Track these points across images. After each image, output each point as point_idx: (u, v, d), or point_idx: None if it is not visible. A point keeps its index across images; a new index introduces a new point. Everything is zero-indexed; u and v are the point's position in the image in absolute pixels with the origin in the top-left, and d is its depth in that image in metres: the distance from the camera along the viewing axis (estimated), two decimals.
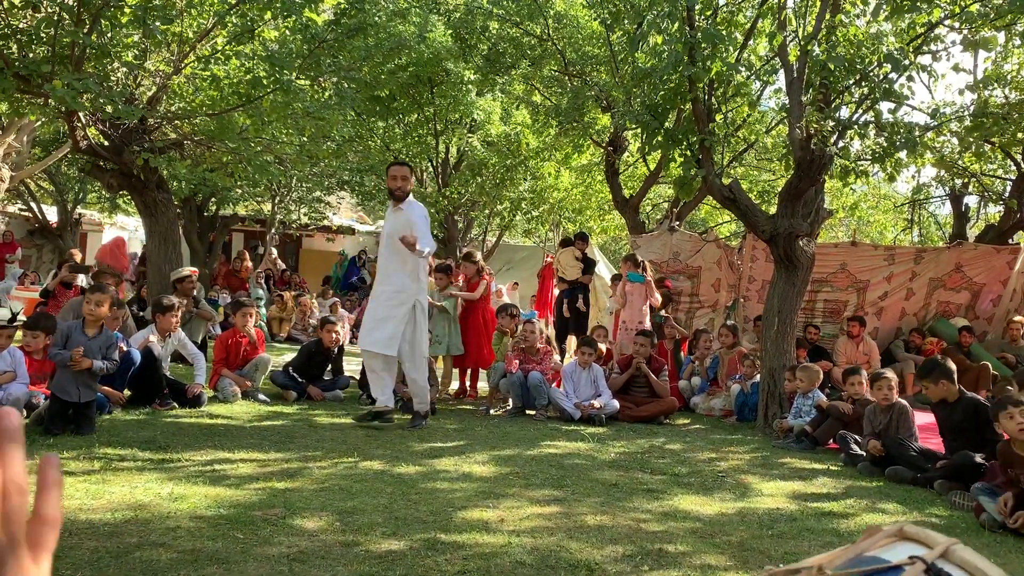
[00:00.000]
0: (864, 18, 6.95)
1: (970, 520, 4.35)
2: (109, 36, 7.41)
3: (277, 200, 18.00)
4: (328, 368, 7.93)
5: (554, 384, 7.61)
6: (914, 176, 13.77)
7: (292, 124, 9.17)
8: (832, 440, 6.24)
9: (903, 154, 6.84)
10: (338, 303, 13.98)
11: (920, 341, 10.22)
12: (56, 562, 2.89)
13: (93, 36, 7.00)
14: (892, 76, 6.61)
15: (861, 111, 7.01)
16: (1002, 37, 8.39)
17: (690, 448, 6.16)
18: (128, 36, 7.73)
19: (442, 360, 8.36)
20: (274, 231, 18.26)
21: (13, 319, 8.19)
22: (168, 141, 8.99)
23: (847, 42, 6.54)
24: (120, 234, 16.75)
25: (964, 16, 6.79)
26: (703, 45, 6.48)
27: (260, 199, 18.37)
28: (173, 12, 7.52)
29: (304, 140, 9.78)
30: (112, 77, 7.86)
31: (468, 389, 8.43)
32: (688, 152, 7.17)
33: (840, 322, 10.16)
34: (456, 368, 8.46)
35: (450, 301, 8.12)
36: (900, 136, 6.65)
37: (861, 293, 10.37)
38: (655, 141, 7.35)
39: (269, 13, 7.89)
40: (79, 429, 5.25)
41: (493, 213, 17.45)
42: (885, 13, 6.80)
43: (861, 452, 5.65)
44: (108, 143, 8.21)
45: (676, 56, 6.52)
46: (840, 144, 6.89)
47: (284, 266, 18.89)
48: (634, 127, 10.00)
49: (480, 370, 8.50)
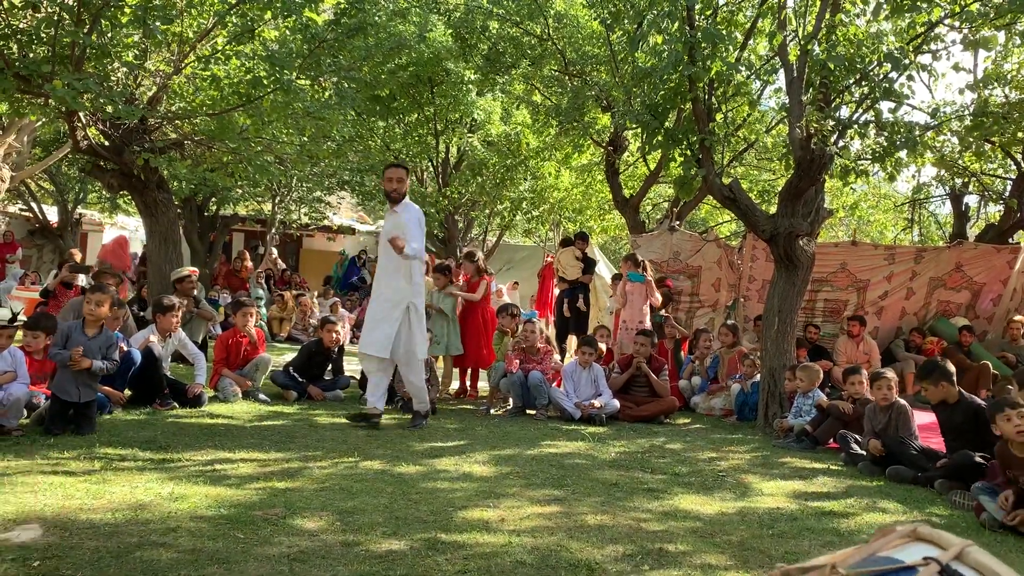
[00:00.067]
0: (864, 17, 6.95)
1: (970, 519, 4.35)
2: (109, 36, 7.41)
3: (277, 200, 18.01)
4: (328, 368, 7.94)
5: (554, 384, 7.61)
6: (914, 175, 13.79)
7: (292, 124, 9.18)
8: (832, 440, 6.24)
9: (903, 153, 6.84)
10: (338, 303, 13.99)
11: (920, 340, 10.22)
12: (57, 562, 2.90)
13: (93, 36, 7.00)
14: (892, 75, 6.61)
15: (861, 110, 7.01)
16: (1002, 36, 8.38)
17: (690, 448, 6.16)
18: (128, 36, 7.73)
19: (442, 360, 8.36)
20: (274, 231, 18.26)
21: (14, 319, 8.19)
22: (168, 141, 9.00)
23: (847, 41, 6.54)
24: (121, 233, 16.77)
25: (964, 15, 6.79)
26: (703, 45, 6.48)
27: (260, 199, 18.38)
28: (173, 12, 7.52)
29: (304, 140, 9.78)
30: (112, 77, 7.86)
31: (468, 389, 8.44)
32: (688, 152, 7.17)
33: (840, 321, 10.16)
34: (456, 368, 8.47)
35: (449, 301, 8.12)
36: (900, 135, 6.65)
37: (861, 292, 10.37)
38: (655, 141, 7.35)
39: (269, 13, 7.90)
40: (79, 429, 5.26)
41: (493, 213, 17.46)
42: (885, 12, 6.79)
43: (861, 451, 5.65)
44: (108, 143, 8.21)
45: (676, 56, 6.52)
46: (840, 143, 6.89)
47: (284, 266, 18.90)
48: (634, 127, 10.00)
49: (480, 370, 8.51)
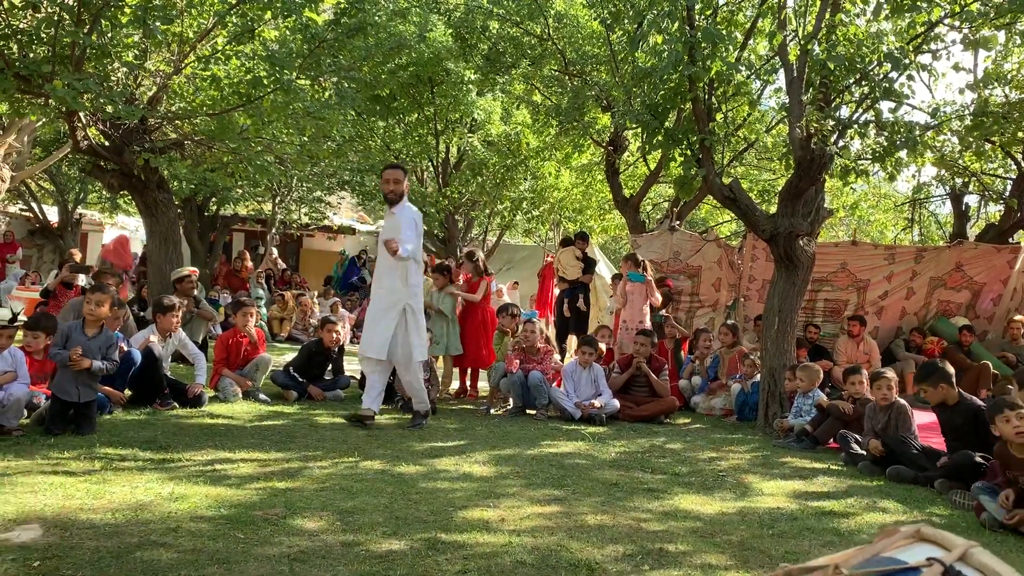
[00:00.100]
0: (864, 17, 6.95)
1: (971, 519, 4.35)
2: (109, 36, 7.41)
3: (278, 200, 18.02)
4: (329, 368, 7.94)
5: (554, 384, 7.61)
6: (914, 175, 13.78)
7: (292, 124, 9.18)
8: (832, 439, 6.24)
9: (903, 153, 6.84)
10: (339, 303, 13.99)
11: (921, 340, 10.21)
12: (57, 562, 2.90)
13: (93, 36, 7.00)
14: (892, 75, 6.61)
15: (861, 110, 7.01)
16: (1002, 36, 8.37)
17: (690, 447, 6.16)
18: (128, 36, 7.74)
19: (442, 360, 8.36)
20: (275, 231, 18.27)
21: (14, 319, 8.19)
22: (168, 141, 9.00)
23: (847, 41, 6.54)
24: (122, 233, 16.78)
25: (964, 15, 6.78)
26: (703, 44, 6.48)
27: (261, 199, 18.39)
28: (173, 12, 7.52)
29: (304, 140, 9.78)
30: (112, 77, 7.86)
31: (468, 389, 8.44)
32: (688, 151, 7.16)
33: (840, 321, 10.16)
34: (456, 368, 8.47)
35: (449, 301, 8.12)
36: (900, 135, 6.65)
37: (861, 292, 10.37)
38: (655, 140, 7.35)
39: (269, 13, 7.90)
40: (80, 429, 5.26)
41: (493, 213, 17.46)
42: (885, 12, 6.79)
43: (862, 451, 5.65)
44: (109, 143, 8.21)
45: (676, 55, 6.52)
46: (840, 143, 6.89)
47: (285, 266, 18.90)
48: (634, 126, 10.00)
49: (480, 370, 8.51)
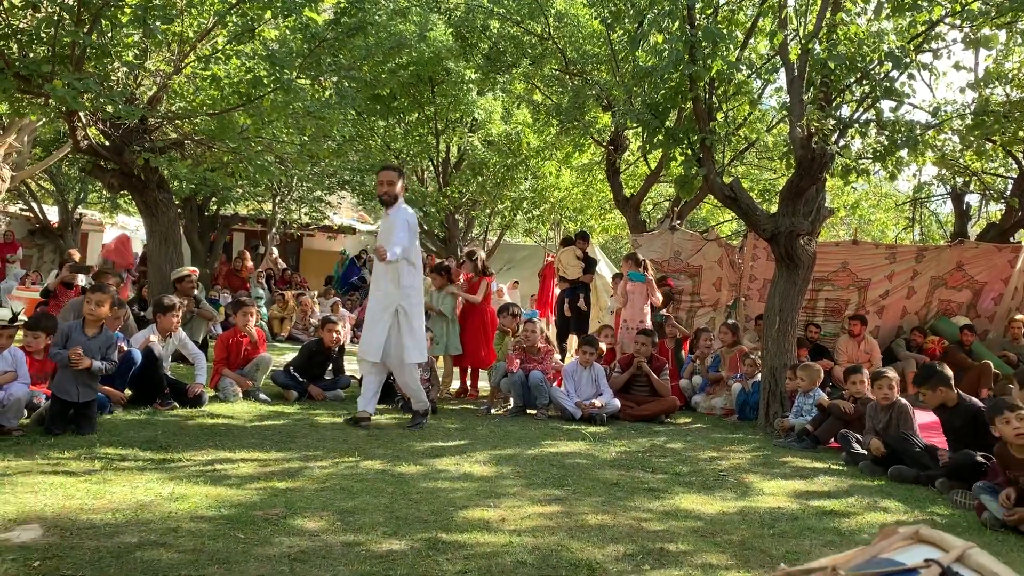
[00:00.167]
0: (865, 16, 6.94)
1: (972, 519, 4.35)
2: (109, 36, 7.41)
3: (278, 200, 18.02)
4: (329, 368, 7.94)
5: (555, 383, 7.61)
6: (915, 175, 13.78)
7: (293, 123, 9.17)
8: (833, 439, 6.24)
9: (904, 153, 6.83)
10: (339, 302, 13.99)
11: (922, 340, 10.21)
12: (57, 562, 2.90)
13: (93, 36, 7.00)
14: (893, 74, 6.60)
15: (862, 109, 7.00)
16: (1003, 35, 8.37)
17: (691, 447, 6.16)
18: (128, 36, 7.73)
19: (442, 360, 8.36)
20: (275, 231, 18.28)
21: (14, 319, 8.19)
22: (169, 141, 8.99)
23: (848, 40, 6.53)
24: (123, 232, 16.79)
25: (965, 14, 6.78)
26: (704, 44, 6.47)
27: (261, 199, 18.39)
28: (173, 12, 7.51)
29: (305, 139, 9.77)
30: (112, 77, 7.86)
31: (469, 388, 8.44)
32: (689, 151, 7.15)
33: (841, 321, 10.15)
34: (457, 368, 8.47)
35: (449, 302, 8.12)
36: (901, 134, 6.63)
37: (862, 292, 10.36)
38: (656, 140, 7.34)
39: (269, 12, 7.89)
40: (80, 429, 5.26)
41: (494, 212, 17.45)
42: (886, 11, 6.78)
43: (863, 451, 5.64)
44: (109, 143, 8.21)
45: (677, 55, 6.51)
46: (841, 143, 6.88)
47: (285, 265, 18.90)
48: (635, 126, 9.99)
49: (480, 370, 8.50)
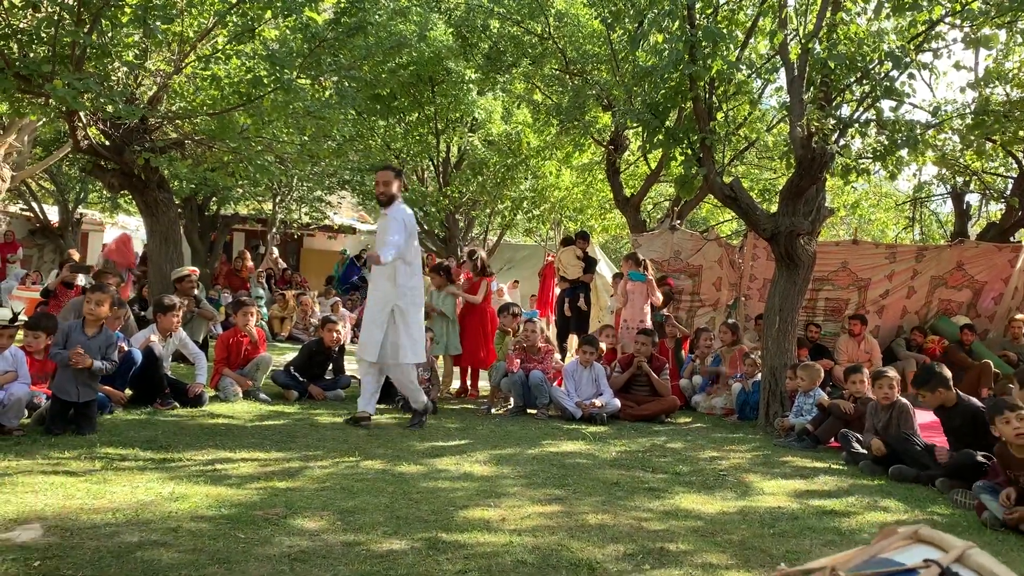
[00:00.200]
0: (865, 16, 6.94)
1: (972, 518, 4.35)
2: (110, 36, 7.41)
3: (278, 199, 18.02)
4: (329, 367, 7.94)
5: (555, 383, 7.61)
6: (915, 174, 13.78)
7: (293, 123, 9.18)
8: (834, 439, 6.24)
9: (904, 152, 6.83)
10: (339, 302, 13.99)
11: (922, 339, 10.20)
12: (57, 562, 2.90)
13: (94, 36, 7.00)
14: (893, 74, 6.60)
15: (862, 109, 7.00)
16: (1003, 35, 8.37)
17: (691, 447, 6.16)
18: (129, 36, 7.74)
19: (442, 359, 8.36)
20: (275, 230, 18.27)
21: (15, 319, 8.19)
22: (169, 141, 9.00)
23: (848, 40, 6.53)
24: (124, 232, 16.78)
25: (965, 14, 6.78)
26: (704, 43, 6.47)
27: (261, 198, 18.39)
28: (173, 11, 7.52)
29: (305, 139, 9.78)
30: (113, 77, 7.86)
31: (469, 388, 8.44)
32: (689, 151, 7.15)
33: (841, 320, 10.15)
34: (457, 367, 8.47)
35: (450, 302, 8.13)
36: (901, 134, 6.63)
37: (862, 291, 10.36)
38: (656, 140, 7.34)
39: (269, 12, 7.89)
40: (80, 429, 5.26)
41: (494, 212, 17.45)
42: (886, 11, 6.78)
43: (863, 450, 5.64)
44: (109, 143, 8.21)
45: (677, 54, 6.50)
46: (841, 142, 6.88)
47: (285, 265, 18.90)
48: (635, 126, 10.00)
49: (480, 369, 8.50)
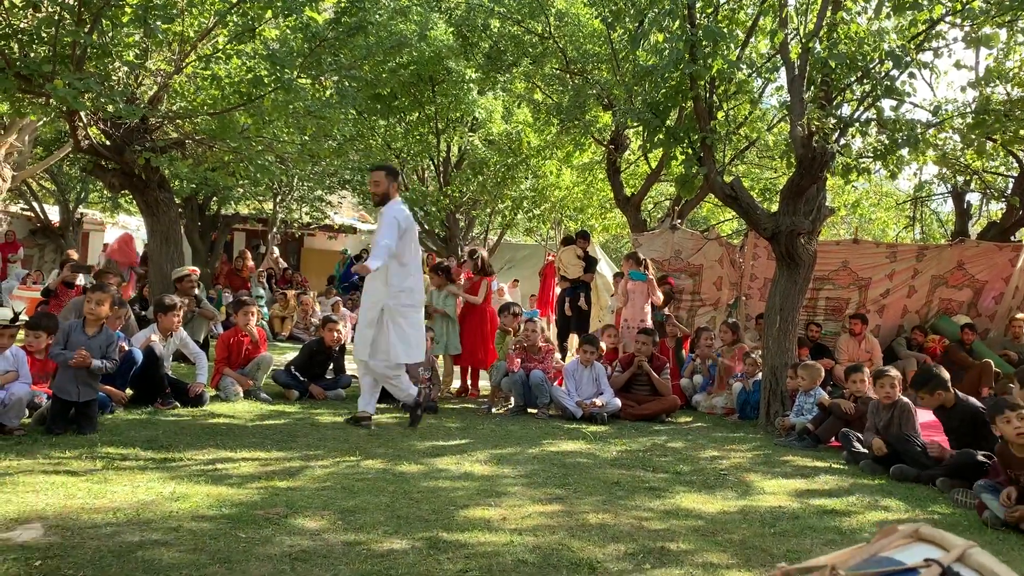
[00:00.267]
0: (866, 15, 6.93)
1: (972, 518, 4.35)
2: (110, 36, 7.41)
3: (279, 199, 18.02)
4: (330, 367, 7.95)
5: (556, 382, 7.61)
6: (916, 173, 13.78)
7: (293, 123, 9.18)
8: (834, 438, 6.24)
9: (905, 151, 6.82)
10: (340, 302, 13.98)
11: (922, 339, 10.19)
12: (58, 561, 2.90)
13: (94, 36, 7.00)
14: (894, 73, 6.60)
15: (863, 108, 7.00)
16: (1004, 34, 8.36)
17: (692, 446, 6.16)
18: (129, 35, 7.74)
19: (442, 359, 8.37)
20: (276, 230, 18.27)
21: (15, 319, 8.20)
22: (169, 140, 9.00)
23: (848, 39, 6.53)
24: (125, 231, 16.80)
25: (966, 13, 6.77)
26: (704, 43, 6.46)
27: (262, 198, 18.39)
28: (174, 11, 7.52)
29: (305, 139, 9.77)
30: (113, 76, 7.87)
31: (470, 388, 8.44)
32: (690, 150, 7.15)
33: (842, 320, 10.14)
34: (457, 367, 8.48)
35: (451, 302, 8.13)
36: (902, 133, 6.63)
37: (863, 291, 10.36)
38: (656, 139, 7.34)
39: (270, 12, 7.90)
40: (81, 429, 5.26)
41: (494, 212, 17.44)
42: (887, 10, 6.78)
43: (863, 450, 5.64)
44: (109, 143, 8.22)
45: (677, 54, 6.50)
46: (842, 141, 6.88)
47: (286, 265, 18.90)
48: (635, 125, 9.99)
49: (480, 369, 8.50)
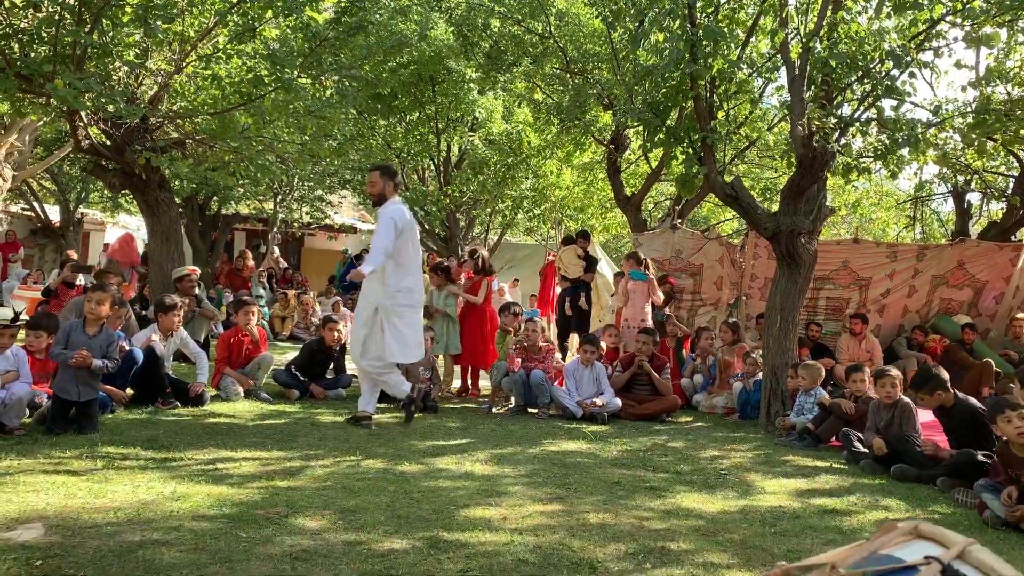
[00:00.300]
0: (866, 15, 6.93)
1: (973, 517, 4.35)
2: (110, 35, 7.42)
3: (279, 199, 18.02)
4: (330, 367, 7.94)
5: (556, 382, 7.61)
6: (916, 173, 13.78)
7: (294, 123, 9.18)
8: (835, 438, 6.24)
9: (905, 151, 6.82)
10: (340, 301, 13.99)
11: (923, 338, 10.19)
12: (59, 561, 2.90)
13: (94, 35, 7.00)
14: (894, 73, 6.60)
15: (863, 108, 7.00)
16: (1004, 33, 8.36)
17: (692, 446, 6.16)
18: (129, 35, 7.74)
19: (443, 358, 8.37)
20: (276, 230, 18.27)
21: (16, 318, 8.20)
22: (170, 140, 9.00)
23: (849, 39, 6.52)
24: (126, 231, 16.81)
25: (966, 12, 6.77)
26: (705, 42, 6.46)
27: (262, 198, 18.39)
28: (174, 11, 7.52)
29: (306, 139, 9.77)
30: (114, 76, 7.86)
31: (470, 387, 8.44)
32: (690, 150, 7.15)
33: (842, 319, 10.14)
34: (458, 367, 8.48)
35: (453, 301, 8.13)
36: (902, 133, 6.63)
37: (863, 290, 10.36)
38: (657, 139, 7.34)
39: (270, 11, 7.90)
40: (81, 428, 5.26)
41: (495, 211, 17.44)
42: (887, 9, 6.77)
43: (864, 449, 5.65)
44: (110, 142, 8.22)
45: (678, 53, 6.50)
46: (842, 141, 6.87)
47: (286, 264, 18.90)
48: (636, 125, 9.99)
49: (480, 369, 8.51)
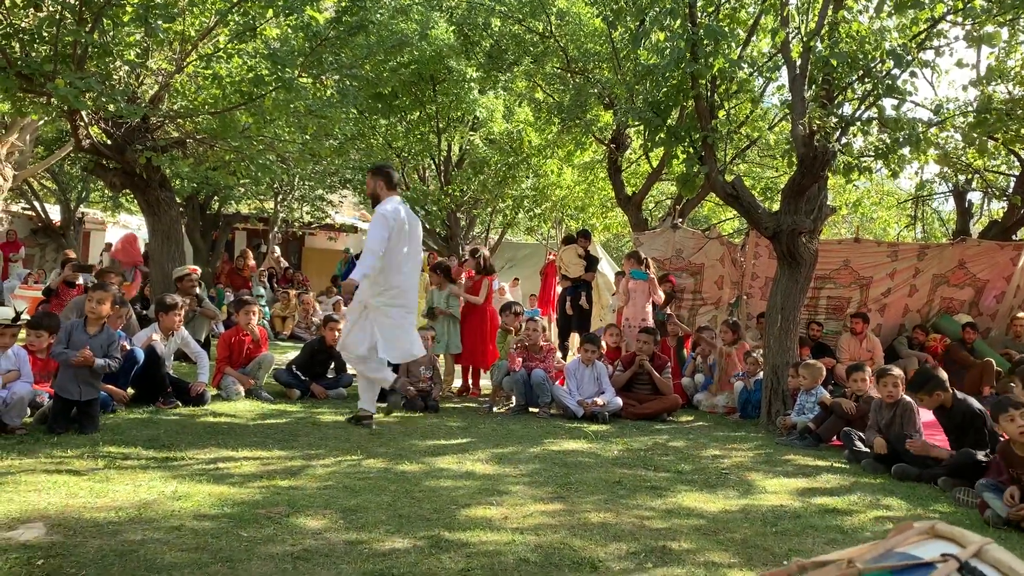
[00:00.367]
0: (867, 14, 6.93)
1: (974, 516, 4.34)
2: (111, 35, 7.42)
3: (280, 198, 18.02)
4: (331, 366, 7.95)
5: (557, 382, 7.61)
6: (917, 172, 13.79)
7: (294, 122, 9.18)
8: (836, 437, 6.24)
9: (906, 150, 6.82)
10: (341, 301, 13.98)
11: (924, 338, 10.19)
12: (60, 560, 2.90)
13: (95, 35, 7.01)
14: (895, 72, 6.59)
15: (864, 107, 6.99)
16: (1005, 33, 8.36)
17: (693, 445, 6.16)
18: (130, 35, 7.75)
19: (443, 358, 8.37)
20: (277, 229, 18.28)
21: (17, 318, 8.20)
22: (170, 140, 9.01)
23: (850, 38, 6.52)
24: (128, 231, 16.82)
25: (967, 12, 6.77)
26: (705, 42, 6.46)
27: (263, 197, 18.40)
28: (175, 10, 7.52)
29: (306, 138, 9.78)
30: (114, 76, 7.87)
31: (471, 387, 8.44)
32: (691, 149, 7.15)
33: (843, 319, 10.15)
34: (458, 366, 8.48)
35: (454, 301, 8.13)
36: (903, 132, 6.62)
37: (864, 290, 10.36)
38: (658, 138, 7.34)
39: (271, 11, 7.90)
40: (83, 428, 5.26)
41: (495, 211, 17.44)
42: (888, 9, 6.77)
43: (865, 449, 5.64)
44: (111, 142, 8.22)
45: (678, 53, 6.50)
46: (843, 140, 6.87)
47: (287, 264, 18.91)
48: (636, 124, 9.98)
49: (481, 368, 8.51)
